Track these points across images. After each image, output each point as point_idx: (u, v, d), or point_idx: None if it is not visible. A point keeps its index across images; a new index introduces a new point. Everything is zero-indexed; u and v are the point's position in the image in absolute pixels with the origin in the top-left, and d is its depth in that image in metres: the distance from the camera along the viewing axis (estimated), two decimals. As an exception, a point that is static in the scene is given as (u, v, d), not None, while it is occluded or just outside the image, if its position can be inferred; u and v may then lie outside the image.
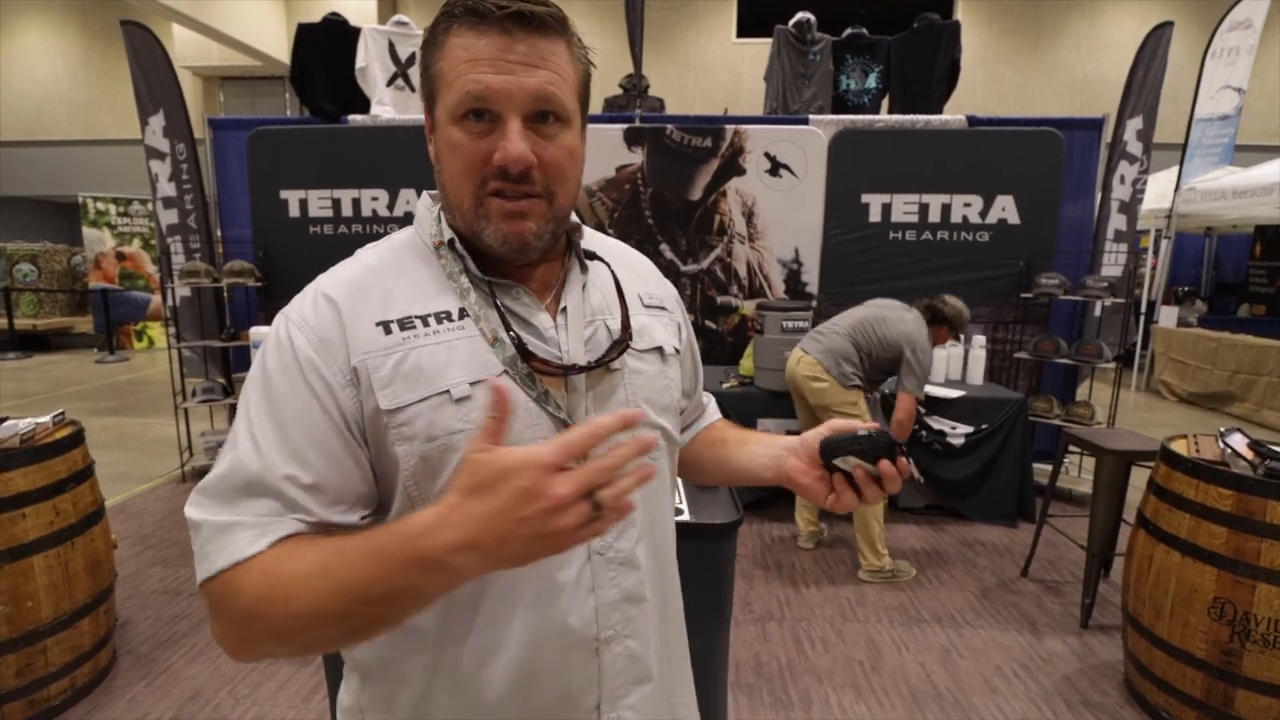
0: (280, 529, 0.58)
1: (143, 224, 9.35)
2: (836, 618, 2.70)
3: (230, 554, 0.57)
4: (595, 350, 0.70)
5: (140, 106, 4.21)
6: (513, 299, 0.68)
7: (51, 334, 9.60)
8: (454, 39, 0.61)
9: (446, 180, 0.65)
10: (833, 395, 2.95)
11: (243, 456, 0.60)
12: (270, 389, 0.62)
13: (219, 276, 4.07)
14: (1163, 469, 2.15)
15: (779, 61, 4.71)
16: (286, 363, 0.62)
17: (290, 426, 0.60)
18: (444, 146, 0.64)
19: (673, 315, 0.82)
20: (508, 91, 0.60)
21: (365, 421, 0.62)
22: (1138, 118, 4.02)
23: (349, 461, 0.62)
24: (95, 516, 2.17)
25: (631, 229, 4.17)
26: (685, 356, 0.85)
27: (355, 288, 0.66)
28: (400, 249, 0.70)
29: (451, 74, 0.61)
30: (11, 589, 1.90)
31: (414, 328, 0.64)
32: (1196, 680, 1.97)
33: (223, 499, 0.60)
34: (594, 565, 0.68)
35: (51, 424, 2.17)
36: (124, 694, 2.18)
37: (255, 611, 0.55)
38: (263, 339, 0.81)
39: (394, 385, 0.62)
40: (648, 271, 0.84)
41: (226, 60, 10.95)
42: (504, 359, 0.64)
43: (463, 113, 0.61)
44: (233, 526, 0.58)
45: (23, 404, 6.20)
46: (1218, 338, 6.47)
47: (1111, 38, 10.77)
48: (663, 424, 0.74)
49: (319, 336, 0.63)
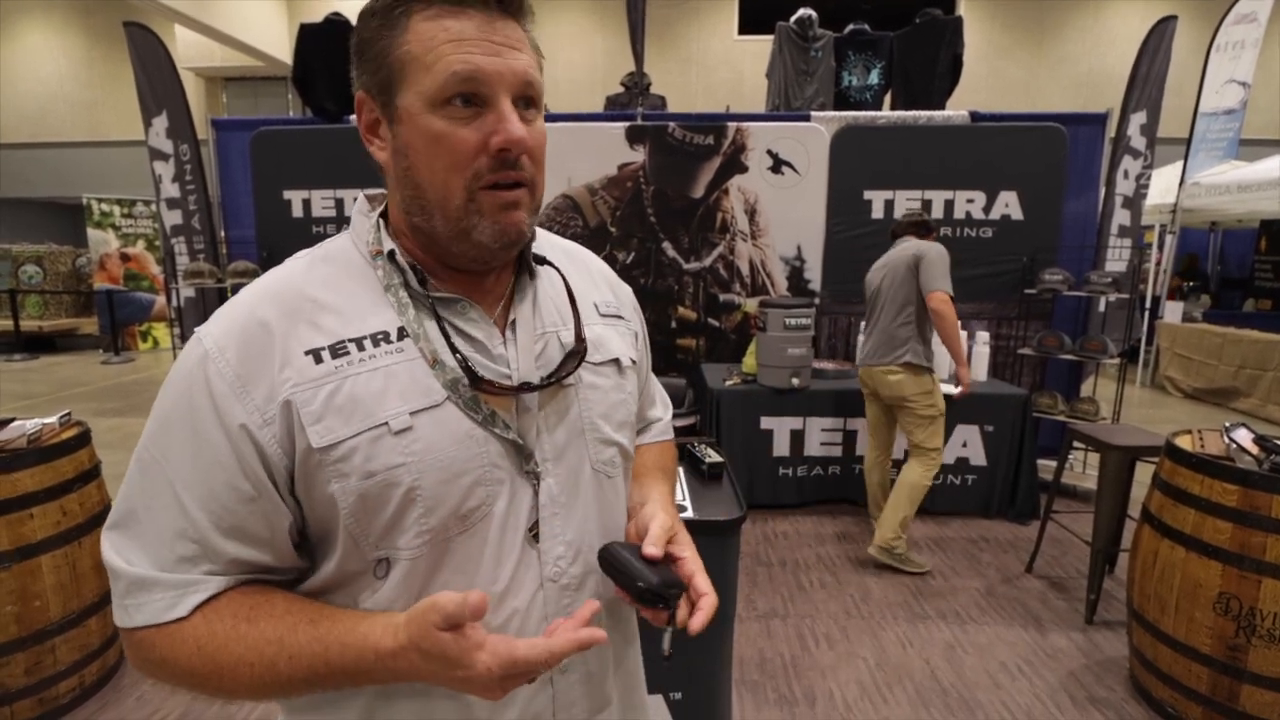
0: (201, 590, 0.57)
1: (147, 225, 9.39)
2: (840, 614, 2.70)
3: (149, 614, 0.56)
4: (547, 365, 0.66)
5: (143, 107, 4.22)
6: (457, 314, 0.63)
7: (57, 335, 9.65)
8: (424, 20, 0.56)
9: (424, 177, 0.59)
10: (909, 386, 2.97)
11: (153, 509, 0.57)
12: (170, 437, 0.57)
13: (223, 277, 4.08)
14: (1168, 464, 2.15)
15: (781, 58, 4.70)
16: (197, 404, 0.57)
17: (195, 488, 0.56)
18: (419, 139, 0.58)
19: (629, 324, 0.78)
20: (499, 73, 0.56)
21: (295, 464, 0.57)
22: (1141, 112, 4.00)
23: (260, 527, 0.58)
24: (102, 516, 2.18)
25: (634, 227, 4.17)
26: (640, 365, 0.80)
27: (286, 307, 0.60)
28: (334, 258, 0.64)
29: (428, 56, 0.56)
30: (20, 588, 1.91)
31: (347, 353, 0.58)
32: (1202, 675, 1.97)
33: (134, 542, 0.57)
34: (546, 592, 0.65)
35: (58, 425, 2.18)
36: (132, 692, 2.20)
37: (186, 678, 0.57)
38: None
39: (326, 419, 0.57)
40: (602, 276, 0.79)
41: (229, 61, 10.99)
42: (445, 382, 0.60)
43: (447, 97, 0.56)
44: (151, 585, 0.56)
45: (29, 405, 6.23)
46: (1223, 333, 6.44)
47: (1115, 32, 10.72)
48: (619, 440, 0.71)
49: (235, 371, 0.57)
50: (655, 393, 0.92)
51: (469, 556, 0.62)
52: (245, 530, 0.58)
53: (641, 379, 0.82)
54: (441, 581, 0.61)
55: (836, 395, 3.63)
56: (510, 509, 0.63)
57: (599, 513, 0.69)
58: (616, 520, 0.73)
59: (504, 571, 0.63)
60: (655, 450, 0.88)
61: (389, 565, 0.60)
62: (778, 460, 3.68)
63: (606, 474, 0.70)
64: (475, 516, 0.61)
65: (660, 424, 0.92)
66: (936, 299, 2.84)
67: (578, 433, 0.68)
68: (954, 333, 2.88)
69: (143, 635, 0.57)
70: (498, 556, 0.62)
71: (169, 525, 0.57)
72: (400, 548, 0.60)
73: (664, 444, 0.91)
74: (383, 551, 0.60)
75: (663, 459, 0.88)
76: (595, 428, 0.69)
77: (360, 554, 0.60)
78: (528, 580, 0.64)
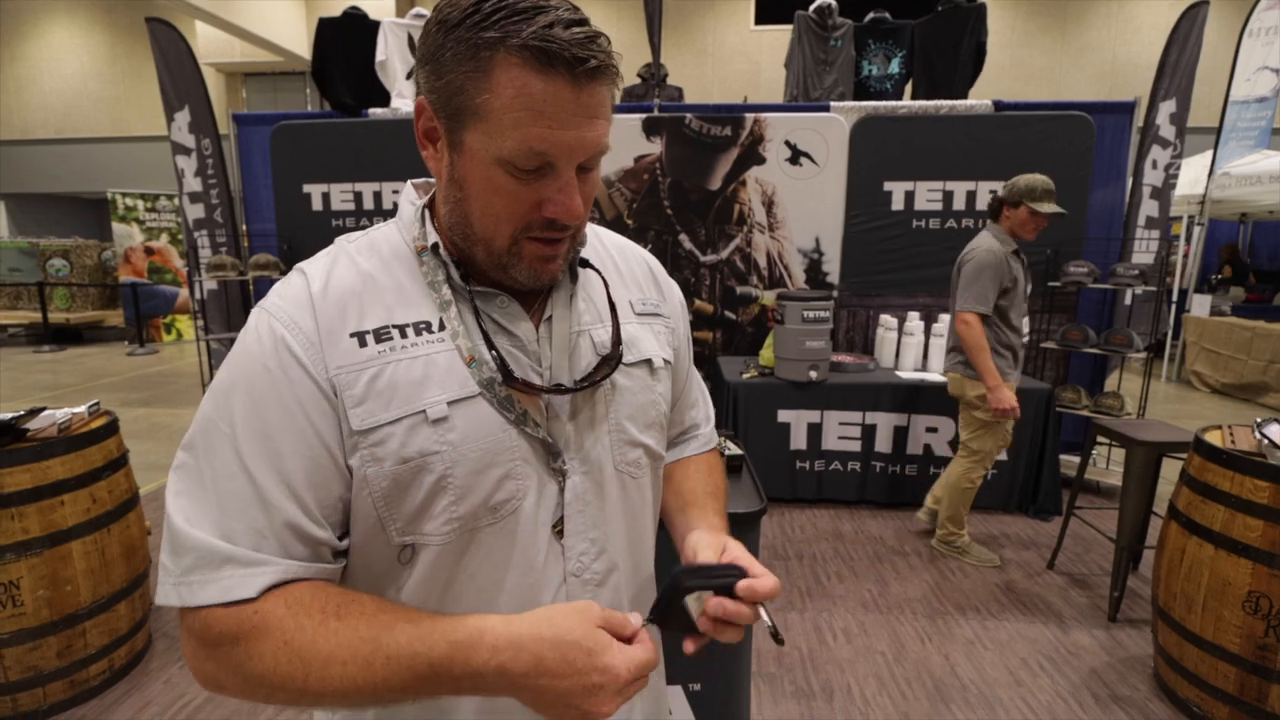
0: (270, 570, 0.55)
1: (170, 219, 9.53)
2: (858, 608, 2.69)
3: (216, 591, 0.54)
4: (577, 363, 0.67)
5: (166, 103, 4.27)
6: (496, 308, 0.65)
7: (84, 327, 9.84)
8: (509, 72, 0.53)
9: (476, 212, 0.59)
10: (960, 387, 2.95)
11: (219, 479, 0.55)
12: (245, 405, 0.57)
13: (245, 269, 4.13)
14: (1196, 460, 2.10)
15: (800, 48, 4.65)
16: (273, 369, 0.57)
17: (286, 456, 0.56)
18: (478, 182, 0.58)
19: (668, 321, 0.78)
20: (570, 148, 0.56)
21: (343, 439, 0.58)
22: (1171, 101, 3.91)
23: (339, 487, 0.58)
24: (130, 504, 2.23)
25: (650, 219, 4.16)
26: (677, 365, 0.79)
27: (335, 290, 0.61)
28: (381, 246, 0.66)
29: (505, 117, 0.54)
30: (52, 574, 1.96)
31: (390, 339, 0.60)
32: (1229, 675, 1.93)
33: (204, 513, 0.55)
34: (569, 587, 0.66)
35: (87, 414, 2.22)
36: (159, 675, 2.24)
37: (265, 679, 0.53)
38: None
39: (367, 403, 0.58)
40: (644, 274, 0.79)
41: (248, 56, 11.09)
42: (480, 380, 0.61)
43: (517, 165, 0.56)
44: (222, 560, 0.54)
45: (58, 395, 6.37)
46: (1252, 326, 6.29)
47: (1141, 19, 10.46)
48: (646, 441, 0.71)
49: (309, 339, 0.58)
50: (696, 393, 0.89)
51: (497, 548, 0.62)
52: (312, 503, 0.57)
53: (680, 380, 0.82)
54: (470, 571, 0.62)
55: (855, 389, 3.59)
56: (538, 504, 0.64)
57: (623, 512, 0.70)
58: (641, 520, 0.73)
59: (532, 564, 0.64)
60: (703, 469, 0.84)
61: (414, 551, 0.61)
62: (795, 454, 3.66)
63: (631, 474, 0.70)
64: (505, 510, 0.62)
65: (703, 433, 0.89)
66: (959, 319, 2.78)
67: (604, 433, 0.68)
68: (976, 355, 2.75)
69: (208, 615, 0.54)
70: (525, 548, 0.63)
71: (238, 495, 0.55)
72: (428, 534, 0.60)
73: (710, 459, 0.87)
74: (409, 538, 0.60)
75: (711, 478, 0.83)
76: (621, 429, 0.69)
77: (386, 538, 0.60)
78: (552, 575, 0.65)
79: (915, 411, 3.57)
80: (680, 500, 0.80)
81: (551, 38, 0.52)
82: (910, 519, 3.51)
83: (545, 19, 0.53)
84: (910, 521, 3.49)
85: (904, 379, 3.63)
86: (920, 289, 4.04)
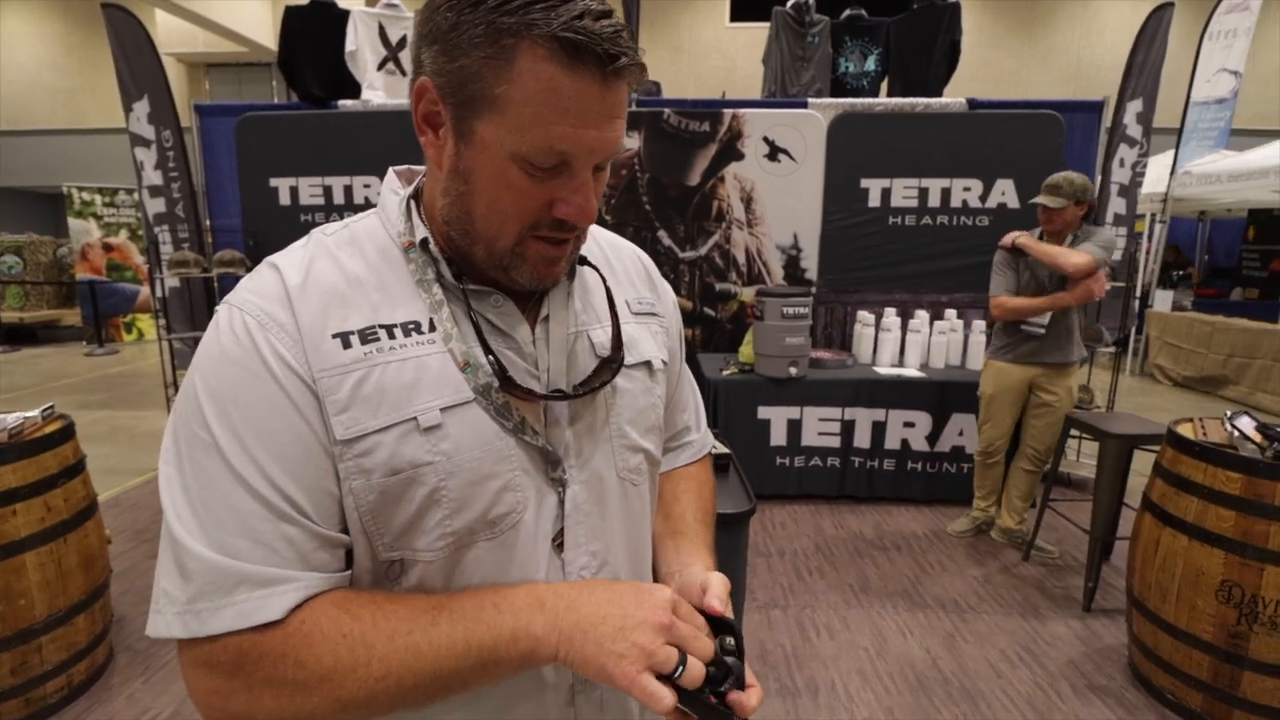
0: (294, 586, 0.51)
1: (129, 215, 9.21)
2: (840, 604, 2.70)
3: (235, 616, 0.49)
4: (575, 366, 0.64)
5: (124, 92, 4.11)
6: (490, 306, 0.60)
7: (39, 326, 9.47)
8: (534, 64, 0.49)
9: (482, 208, 0.55)
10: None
11: (216, 494, 0.50)
12: (227, 410, 0.51)
13: (208, 266, 4.00)
14: (1169, 452, 2.14)
15: (777, 44, 4.65)
16: (254, 368, 0.52)
17: (282, 460, 0.51)
18: (488, 176, 0.53)
19: (663, 321, 0.75)
20: (591, 149, 0.53)
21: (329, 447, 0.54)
22: (1138, 100, 3.99)
23: (337, 487, 0.54)
24: (88, 512, 2.13)
25: (628, 215, 4.12)
26: (672, 366, 0.77)
27: (315, 286, 0.56)
28: (363, 241, 0.60)
29: (525, 111, 0.50)
30: (4, 587, 1.86)
31: (377, 340, 0.55)
32: (1203, 663, 1.97)
33: (204, 531, 0.50)
34: None
35: (41, 418, 2.11)
36: (122, 690, 2.15)
37: (327, 677, 0.49)
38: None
39: (352, 410, 0.53)
40: (639, 272, 0.76)
41: (211, 47, 10.76)
42: (475, 386, 0.57)
43: (535, 162, 0.52)
44: (237, 581, 0.49)
45: (11, 398, 6.11)
46: (1212, 321, 6.49)
47: (1105, 22, 10.73)
48: (647, 446, 0.69)
49: (290, 335, 0.53)
50: (688, 394, 0.85)
51: (494, 563, 0.59)
52: (317, 506, 0.53)
53: (673, 381, 0.79)
54: (463, 587, 0.58)
55: (833, 385, 3.61)
56: (538, 516, 0.60)
57: (624, 521, 0.67)
58: (642, 528, 0.70)
59: (531, 580, 0.60)
60: (693, 488, 0.81)
61: (403, 567, 0.57)
62: (775, 450, 3.66)
63: (632, 482, 0.68)
64: (506, 524, 0.58)
65: (695, 439, 0.85)
66: (991, 303, 3.11)
67: (605, 439, 0.65)
68: (1025, 310, 2.98)
69: (230, 643, 0.49)
70: (524, 563, 0.60)
71: (237, 508, 0.50)
72: (419, 549, 0.56)
73: (701, 476, 0.84)
74: (397, 553, 0.56)
75: (701, 499, 0.81)
76: (623, 434, 0.66)
77: (373, 554, 0.56)
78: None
79: (893, 407, 3.60)
80: (670, 525, 0.77)
81: (582, 29, 0.48)
82: (891, 512, 3.54)
83: (575, 7, 0.49)
84: (888, 516, 3.52)
85: (881, 374, 3.65)
86: (897, 285, 4.07)
